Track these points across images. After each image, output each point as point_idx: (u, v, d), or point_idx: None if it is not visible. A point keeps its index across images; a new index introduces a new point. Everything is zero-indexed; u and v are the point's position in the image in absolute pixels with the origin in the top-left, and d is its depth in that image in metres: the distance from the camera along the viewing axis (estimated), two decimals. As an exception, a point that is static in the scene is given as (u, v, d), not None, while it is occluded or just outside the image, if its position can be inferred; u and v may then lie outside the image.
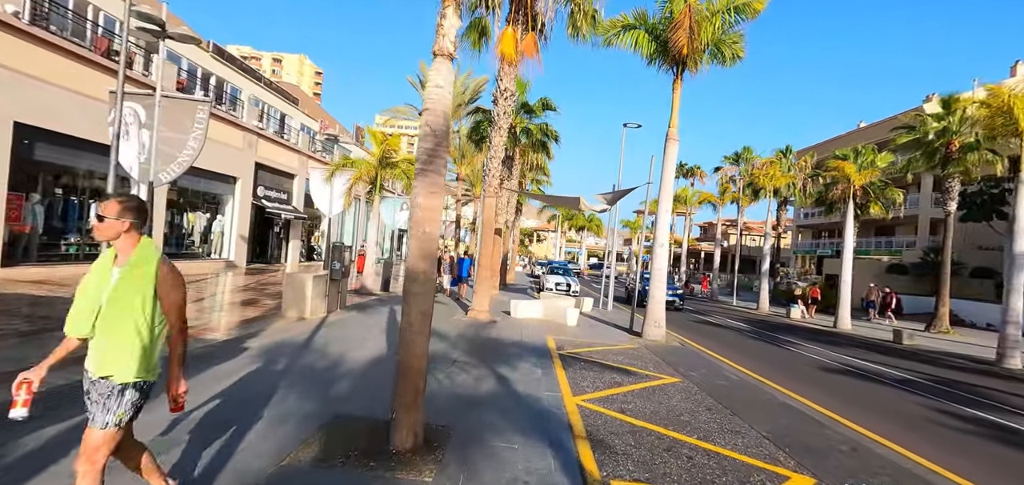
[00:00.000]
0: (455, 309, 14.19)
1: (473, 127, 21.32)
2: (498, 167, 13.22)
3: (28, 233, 13.11)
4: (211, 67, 22.62)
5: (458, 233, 39.83)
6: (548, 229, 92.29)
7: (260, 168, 23.15)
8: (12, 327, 7.38)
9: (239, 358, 6.66)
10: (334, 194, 20.59)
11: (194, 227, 19.85)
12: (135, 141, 11.57)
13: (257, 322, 9.30)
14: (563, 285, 23.33)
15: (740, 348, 12.81)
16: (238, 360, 6.55)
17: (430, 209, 4.16)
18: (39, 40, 12.58)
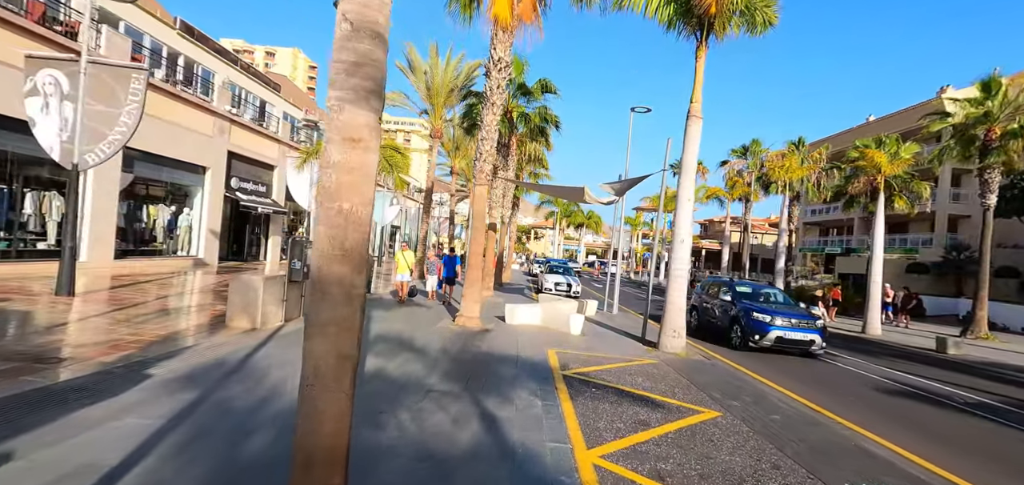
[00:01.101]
0: (441, 315, 12.37)
1: (465, 112, 19.48)
2: (491, 150, 11.40)
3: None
4: (178, 46, 20.67)
5: (452, 230, 38.01)
6: (546, 226, 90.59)
7: (234, 157, 21.25)
8: None
9: (131, 391, 4.83)
10: (311, 184, 18.76)
11: (156, 221, 17.94)
12: (56, 116, 9.69)
13: (188, 335, 7.47)
14: (563, 286, 21.55)
15: (771, 361, 11.05)
16: (128, 396, 4.72)
17: (352, 169, 2.35)
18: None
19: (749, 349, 11.35)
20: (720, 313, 12.97)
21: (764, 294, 13.31)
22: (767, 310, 11.63)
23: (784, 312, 11.78)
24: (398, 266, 13.70)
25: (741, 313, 11.82)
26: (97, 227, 14.79)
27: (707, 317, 13.79)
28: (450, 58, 25.01)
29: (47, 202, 13.79)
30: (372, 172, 2.42)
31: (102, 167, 14.88)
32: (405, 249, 13.88)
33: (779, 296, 13.55)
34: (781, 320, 11.32)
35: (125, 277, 13.55)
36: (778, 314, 11.49)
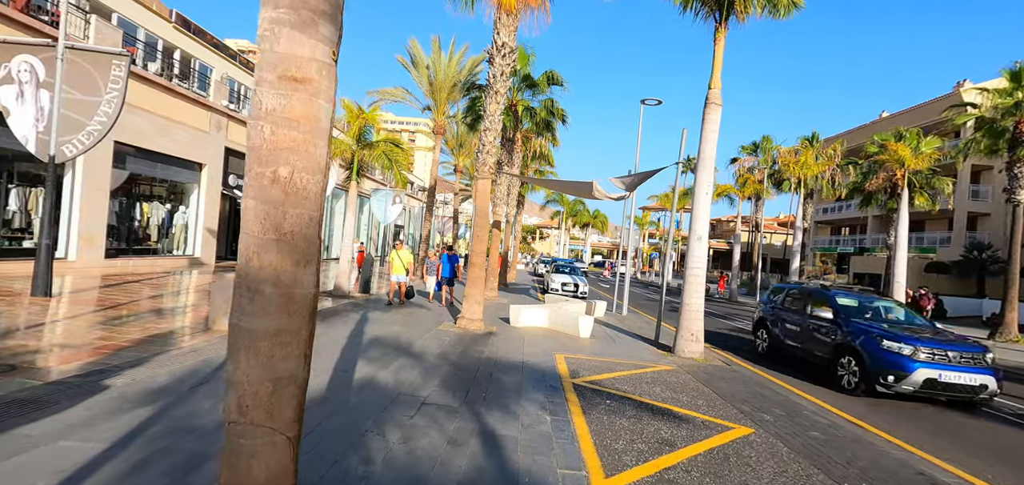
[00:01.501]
0: (442, 317, 11.72)
1: (468, 106, 18.82)
2: (494, 142, 10.73)
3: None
4: (174, 40, 20.16)
5: (457, 229, 37.41)
6: (551, 226, 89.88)
7: (231, 154, 20.70)
8: None
9: (80, 407, 4.21)
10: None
11: (149, 219, 17.41)
12: (31, 105, 9.11)
13: (165, 339, 6.84)
14: (570, 286, 20.83)
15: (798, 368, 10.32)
16: (75, 412, 4.10)
17: (293, 121, 1.68)
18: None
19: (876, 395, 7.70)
20: (813, 338, 9.19)
21: (881, 310, 9.44)
22: (903, 337, 7.69)
23: (932, 341, 7.80)
24: (393, 266, 12.94)
25: (859, 340, 8.01)
26: (86, 225, 14.25)
27: (788, 341, 10.02)
28: (453, 52, 24.40)
29: (33, 198, 13.26)
30: (324, 127, 1.76)
31: (92, 162, 14.39)
32: (400, 248, 13.10)
33: (903, 313, 9.61)
34: (930, 352, 7.44)
35: (114, 277, 13.00)
36: (922, 343, 7.58)
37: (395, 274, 12.81)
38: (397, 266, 12.80)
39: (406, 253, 13.06)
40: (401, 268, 12.79)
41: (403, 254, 12.91)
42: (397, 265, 12.80)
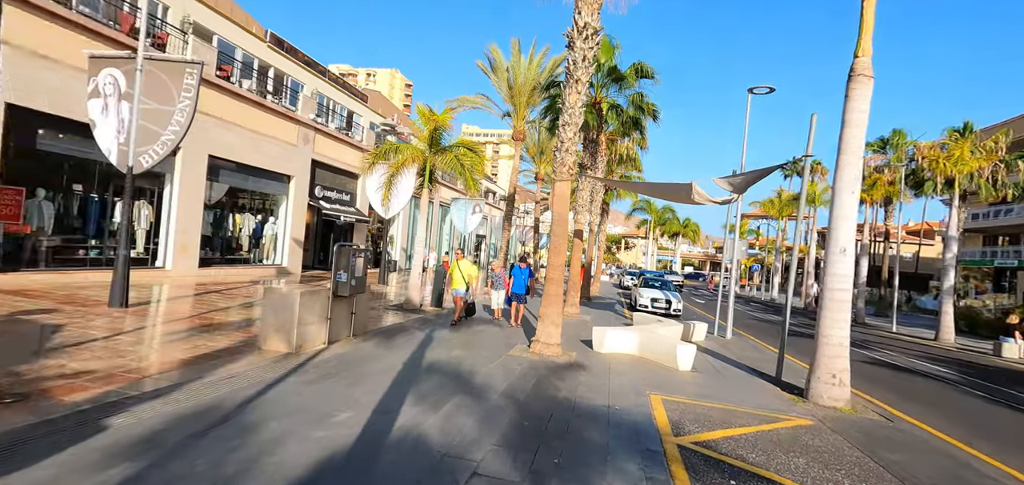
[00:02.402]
0: (514, 340, 10.41)
1: (548, 106, 17.49)
2: (574, 138, 9.28)
3: (29, 234, 11.48)
4: (269, 58, 21.13)
5: (537, 239, 36.28)
6: (637, 235, 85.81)
7: (318, 166, 21.25)
8: None
9: (52, 459, 3.41)
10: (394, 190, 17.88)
11: (241, 230, 18.11)
12: (114, 117, 9.22)
13: (206, 362, 6.21)
14: (662, 303, 18.62)
15: (989, 427, 7.65)
16: (42, 468, 3.30)
17: None
18: (36, 8, 10.87)
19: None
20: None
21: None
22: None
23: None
24: (453, 279, 11.63)
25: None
26: (182, 236, 14.91)
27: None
28: (533, 54, 23.34)
29: (136, 210, 14.04)
30: None
31: (188, 175, 15.06)
32: (460, 258, 11.77)
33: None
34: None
35: (201, 286, 13.29)
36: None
37: (456, 288, 11.51)
38: (458, 279, 11.45)
39: (467, 264, 11.72)
40: (461, 281, 11.44)
41: (463, 265, 11.57)
42: (458, 278, 11.45)
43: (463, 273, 11.42)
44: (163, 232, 14.61)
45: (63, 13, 11.44)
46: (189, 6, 17.56)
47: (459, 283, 11.37)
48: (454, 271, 11.53)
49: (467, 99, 24.12)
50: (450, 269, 11.71)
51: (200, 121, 14.96)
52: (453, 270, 11.57)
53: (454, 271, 11.53)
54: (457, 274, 11.44)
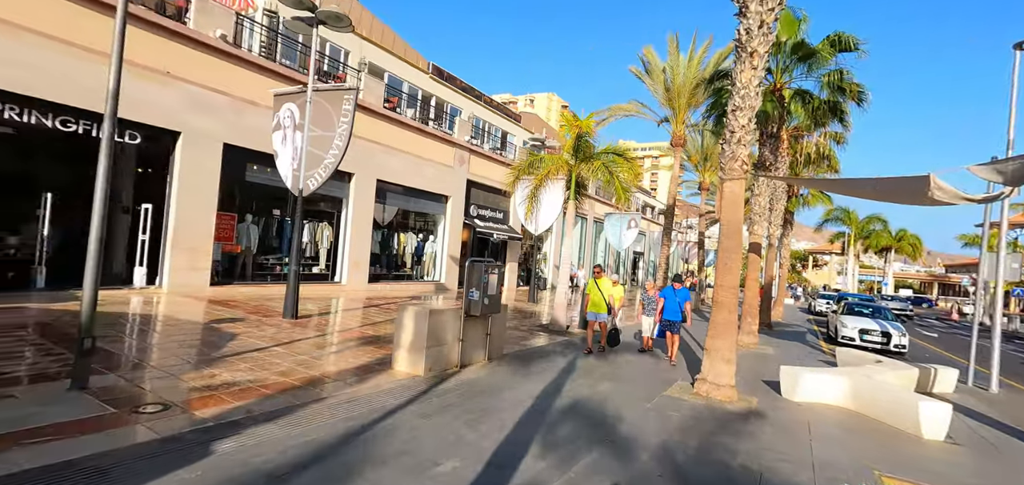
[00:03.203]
0: (671, 376, 8.68)
1: (713, 102, 15.14)
2: (748, 124, 7.37)
3: (239, 253, 13.57)
4: (430, 88, 22.71)
5: (702, 255, 32.62)
6: (829, 251, 72.56)
7: (473, 186, 21.95)
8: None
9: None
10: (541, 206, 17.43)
11: (405, 248, 19.44)
12: (290, 146, 10.24)
13: (335, 380, 6.08)
14: (876, 336, 14.52)
15: None
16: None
17: None
18: (247, 62, 12.90)
19: None
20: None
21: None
22: None
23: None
24: (591, 300, 9.89)
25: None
26: (355, 253, 16.42)
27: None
28: (693, 50, 20.96)
29: (320, 231, 15.87)
30: None
31: (360, 198, 16.54)
32: (600, 277, 10.09)
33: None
34: None
35: (366, 300, 14.28)
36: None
37: (594, 311, 9.76)
38: (598, 301, 9.71)
39: (608, 284, 10.04)
40: (601, 303, 9.69)
41: (604, 285, 9.90)
42: (598, 299, 9.71)
43: (603, 293, 9.79)
44: (340, 250, 16.26)
45: (267, 65, 13.45)
46: (366, 49, 19.71)
47: (599, 305, 9.75)
48: (592, 291, 9.93)
49: (619, 107, 22.69)
50: (588, 289, 10.14)
51: (369, 148, 16.47)
52: (591, 290, 9.99)
53: (592, 291, 9.93)
54: (596, 295, 9.83)
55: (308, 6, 9.52)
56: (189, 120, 11.71)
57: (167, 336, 7.45)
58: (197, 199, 12.01)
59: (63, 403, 4.43)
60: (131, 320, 8.29)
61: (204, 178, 12.09)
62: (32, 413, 4.15)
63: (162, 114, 11.29)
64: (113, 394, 4.73)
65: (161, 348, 6.73)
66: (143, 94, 10.91)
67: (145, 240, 11.55)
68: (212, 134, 12.14)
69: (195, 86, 11.77)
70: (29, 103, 9.43)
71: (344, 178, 15.95)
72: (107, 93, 4.95)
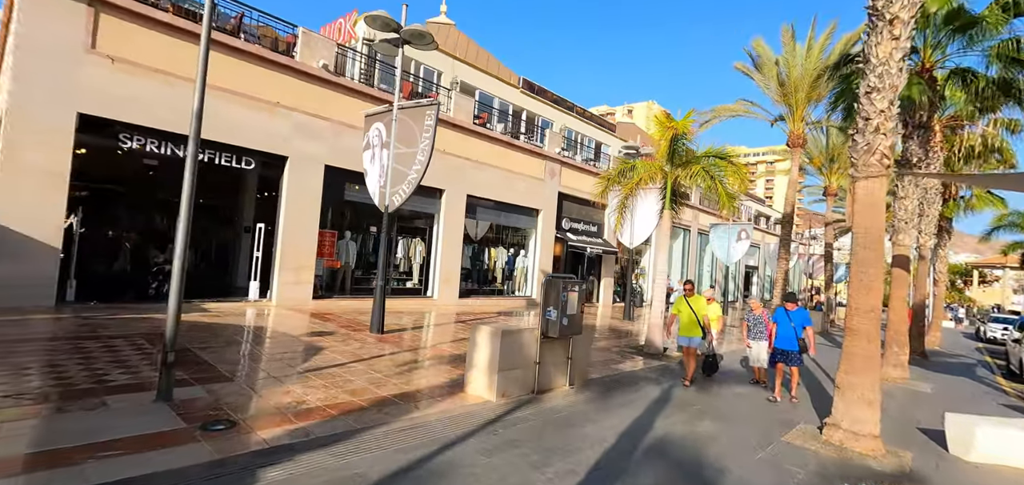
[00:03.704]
0: (790, 416, 7.24)
1: (839, 92, 12.98)
2: (889, 108, 5.91)
3: (339, 269, 14.29)
4: (520, 102, 22.63)
5: (830, 270, 28.58)
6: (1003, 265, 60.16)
7: (564, 198, 21.34)
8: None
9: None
10: (637, 216, 16.34)
11: (496, 262, 19.34)
12: (377, 164, 10.50)
13: (401, 402, 5.80)
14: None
15: None
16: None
17: None
18: (345, 88, 13.65)
19: None
20: None
21: None
22: None
23: None
24: (682, 322, 8.35)
25: None
26: (446, 268, 16.60)
27: None
28: (813, 38, 18.47)
29: (413, 247, 16.30)
30: None
31: (450, 213, 16.72)
32: (692, 294, 8.49)
33: None
34: None
35: (456, 315, 14.27)
36: None
37: (685, 335, 8.32)
38: (689, 322, 8.27)
39: (701, 302, 8.52)
40: (694, 325, 8.25)
41: (697, 304, 8.39)
42: (689, 321, 8.27)
43: (696, 313, 8.32)
44: (431, 265, 16.54)
45: (362, 88, 14.17)
46: (458, 69, 20.17)
47: (691, 328, 8.30)
48: (682, 310, 8.39)
49: (725, 108, 20.72)
50: (676, 308, 8.54)
51: (459, 164, 16.65)
52: (680, 309, 8.43)
53: (682, 310, 8.39)
54: (686, 315, 8.32)
55: (394, 28, 9.72)
56: (295, 145, 12.62)
57: (261, 349, 7.81)
58: (301, 218, 12.86)
59: (144, 415, 4.60)
60: (235, 332, 8.88)
61: (307, 198, 12.93)
62: (115, 424, 4.34)
63: (273, 141, 12.28)
64: (190, 408, 4.85)
65: (252, 360, 7.01)
66: (257, 124, 11.96)
67: (258, 256, 12.58)
68: (315, 157, 12.97)
69: (300, 113, 12.68)
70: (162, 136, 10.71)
71: (435, 194, 16.26)
72: (191, 113, 5.19)
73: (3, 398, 4.65)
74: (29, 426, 4.13)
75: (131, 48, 10.13)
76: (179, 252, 5.09)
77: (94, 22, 9.80)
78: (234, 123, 11.53)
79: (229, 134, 11.49)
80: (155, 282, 12.04)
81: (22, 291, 8.93)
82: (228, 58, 11.56)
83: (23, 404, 4.56)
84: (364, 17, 9.53)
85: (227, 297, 12.41)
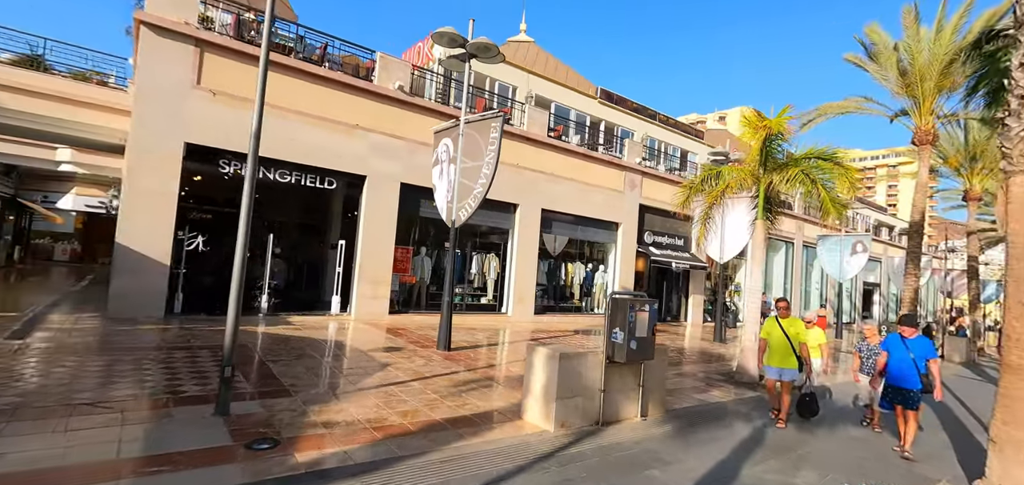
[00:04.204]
0: (918, 468, 5.83)
1: (982, 74, 10.80)
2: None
3: (415, 284, 14.51)
4: (599, 112, 21.89)
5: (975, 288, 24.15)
6: None
7: (646, 211, 20.20)
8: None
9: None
10: (727, 227, 14.90)
11: (573, 279, 18.66)
12: (445, 179, 10.47)
13: (453, 428, 5.45)
14: None
15: None
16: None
17: None
18: (419, 107, 13.95)
19: None
20: None
21: None
22: None
23: None
24: (772, 348, 6.88)
25: None
26: (520, 284, 16.28)
27: None
28: (942, 16, 15.76)
29: (487, 262, 16.19)
30: None
31: (524, 228, 16.39)
32: (785, 313, 6.95)
33: None
34: None
35: (528, 333, 13.84)
36: None
37: (774, 364, 6.86)
38: (779, 349, 6.80)
39: (798, 325, 6.90)
40: (787, 354, 6.74)
41: (793, 327, 6.84)
42: (779, 346, 6.81)
43: (789, 339, 6.78)
44: (506, 282, 16.31)
45: (434, 106, 14.41)
46: (532, 83, 20.01)
47: (782, 357, 6.79)
48: (772, 333, 6.90)
49: (832, 106, 18.39)
50: (765, 331, 7.05)
51: (533, 178, 16.34)
52: (770, 332, 6.94)
53: (772, 333, 6.90)
54: (778, 340, 6.83)
55: (459, 42, 9.68)
56: (373, 164, 13.09)
57: (327, 363, 7.94)
58: (378, 235, 13.25)
59: (199, 429, 4.68)
60: (308, 345, 9.16)
61: (384, 215, 13.32)
62: (170, 437, 4.44)
63: (353, 161, 12.84)
64: (243, 424, 4.88)
65: (316, 374, 7.10)
66: (339, 146, 12.57)
67: (340, 272, 13.14)
68: (391, 175, 13.36)
69: (377, 134, 13.15)
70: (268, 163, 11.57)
71: (509, 209, 16.08)
72: (249, 134, 5.33)
73: (82, 405, 5.00)
74: (92, 435, 4.34)
75: (228, 81, 11.10)
76: (237, 268, 5.20)
77: (199, 61, 10.88)
78: (316, 146, 12.21)
79: (312, 156, 12.18)
80: (262, 296, 13.00)
81: (136, 302, 10.00)
82: (312, 85, 12.31)
83: (97, 411, 4.85)
84: (432, 34, 9.58)
85: (314, 311, 13.07)
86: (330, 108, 12.53)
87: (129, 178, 10.32)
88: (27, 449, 3.98)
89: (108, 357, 6.92)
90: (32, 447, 4.02)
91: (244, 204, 5.25)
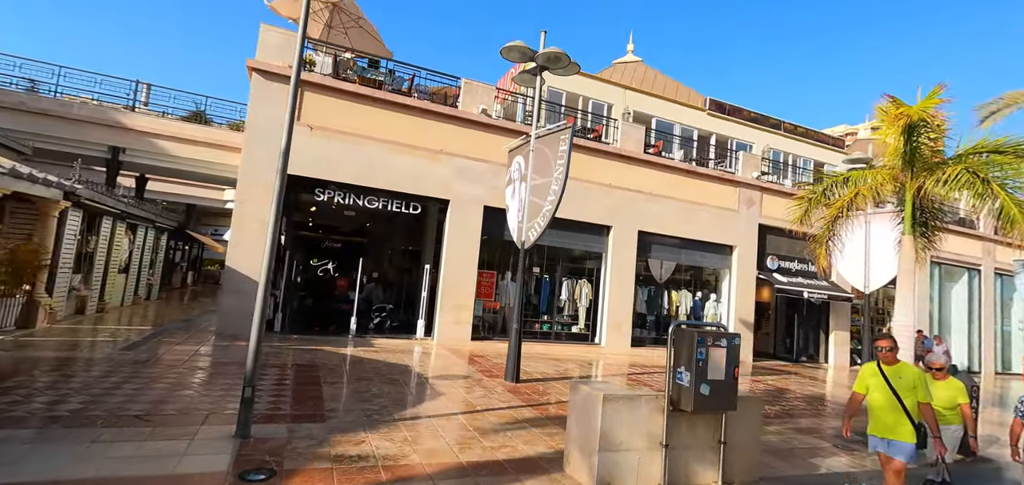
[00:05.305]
0: None
1: None
2: None
3: (498, 309, 14.03)
4: (708, 125, 19.78)
5: None
6: None
7: (768, 232, 17.54)
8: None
9: None
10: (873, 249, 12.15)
11: (678, 308, 16.69)
12: (517, 198, 9.95)
13: (490, 474, 4.69)
14: None
15: None
16: None
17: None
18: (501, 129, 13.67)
19: None
20: None
21: None
22: None
23: None
24: (873, 410, 4.52)
25: None
26: (614, 313, 14.95)
27: None
28: None
29: (578, 288, 15.18)
30: None
31: (619, 251, 15.12)
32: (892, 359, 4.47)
33: None
34: None
35: (621, 367, 12.52)
36: None
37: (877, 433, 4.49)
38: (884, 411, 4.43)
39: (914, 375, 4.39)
40: (899, 419, 4.34)
41: (907, 378, 4.38)
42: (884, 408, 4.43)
43: (899, 398, 4.35)
44: (599, 310, 15.10)
45: (516, 126, 14.04)
46: (629, 98, 18.82)
47: (888, 422, 4.41)
48: (870, 387, 4.57)
49: (1018, 95, 14.29)
50: (858, 381, 4.67)
51: (628, 198, 15.09)
52: (865, 383, 4.61)
53: (870, 387, 4.57)
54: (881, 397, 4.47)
55: (529, 55, 9.21)
56: (457, 188, 13.06)
57: (378, 388, 7.68)
58: (461, 259, 13.09)
59: (210, 451, 4.56)
60: (372, 368, 9.06)
61: (467, 239, 13.15)
62: (176, 457, 4.35)
63: (437, 186, 12.95)
64: (254, 450, 4.68)
65: (361, 400, 6.83)
66: (423, 171, 12.78)
67: (424, 296, 13.21)
68: (474, 198, 13.20)
69: (461, 158, 13.14)
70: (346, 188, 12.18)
71: (602, 231, 14.99)
72: (279, 151, 5.29)
73: (123, 415, 5.22)
74: (108, 449, 4.40)
75: (323, 116, 11.91)
76: (261, 288, 5.12)
77: (300, 99, 11.85)
78: (404, 172, 12.52)
79: (399, 182, 12.51)
80: (377, 317, 13.64)
81: (239, 321, 10.89)
82: (400, 115, 12.73)
83: (130, 424, 5.01)
84: (501, 50, 9.23)
85: (401, 335, 13.27)
86: (417, 135, 12.82)
87: (238, 208, 11.46)
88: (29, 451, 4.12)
89: (189, 370, 7.42)
90: (44, 452, 4.17)
91: (271, 221, 5.19)
